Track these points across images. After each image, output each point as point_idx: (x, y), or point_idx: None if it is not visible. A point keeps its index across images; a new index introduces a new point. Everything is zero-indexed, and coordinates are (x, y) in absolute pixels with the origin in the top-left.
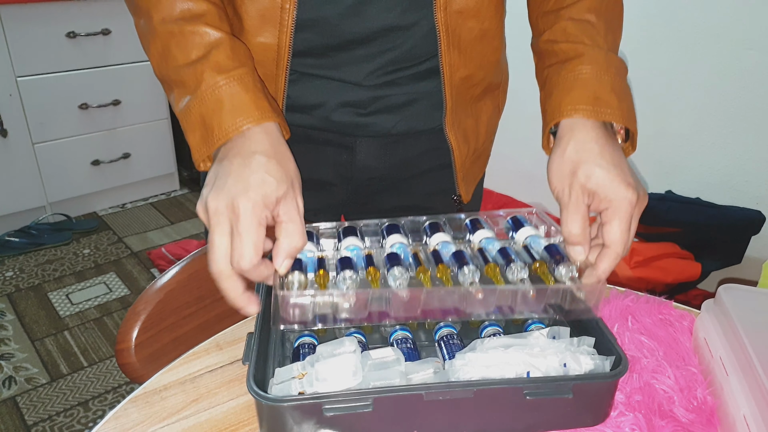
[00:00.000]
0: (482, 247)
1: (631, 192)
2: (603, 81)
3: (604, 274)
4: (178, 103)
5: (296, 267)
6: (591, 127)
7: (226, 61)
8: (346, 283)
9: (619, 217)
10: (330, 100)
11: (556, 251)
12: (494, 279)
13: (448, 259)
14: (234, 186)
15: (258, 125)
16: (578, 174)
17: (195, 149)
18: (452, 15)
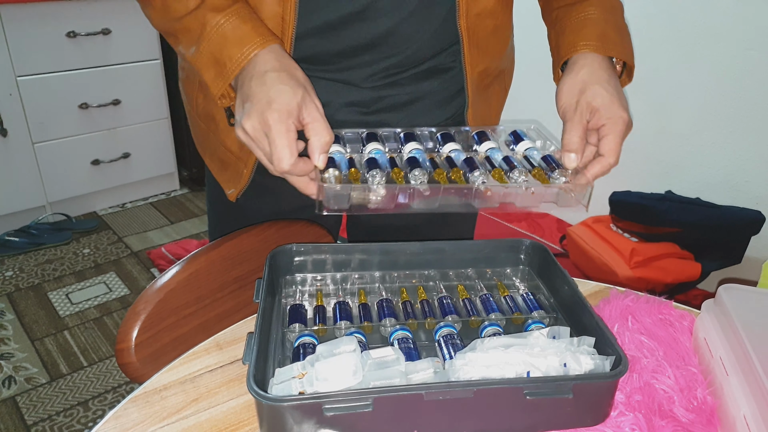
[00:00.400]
0: (488, 156)
1: (626, 114)
2: (608, 21)
3: (593, 176)
4: (188, 49)
5: (330, 165)
6: (600, 59)
7: (222, 2)
8: (375, 180)
9: (614, 131)
10: (334, 100)
11: (551, 160)
12: (500, 180)
13: (460, 164)
14: (258, 104)
15: (262, 49)
16: (587, 92)
17: (212, 85)
18: (472, 18)
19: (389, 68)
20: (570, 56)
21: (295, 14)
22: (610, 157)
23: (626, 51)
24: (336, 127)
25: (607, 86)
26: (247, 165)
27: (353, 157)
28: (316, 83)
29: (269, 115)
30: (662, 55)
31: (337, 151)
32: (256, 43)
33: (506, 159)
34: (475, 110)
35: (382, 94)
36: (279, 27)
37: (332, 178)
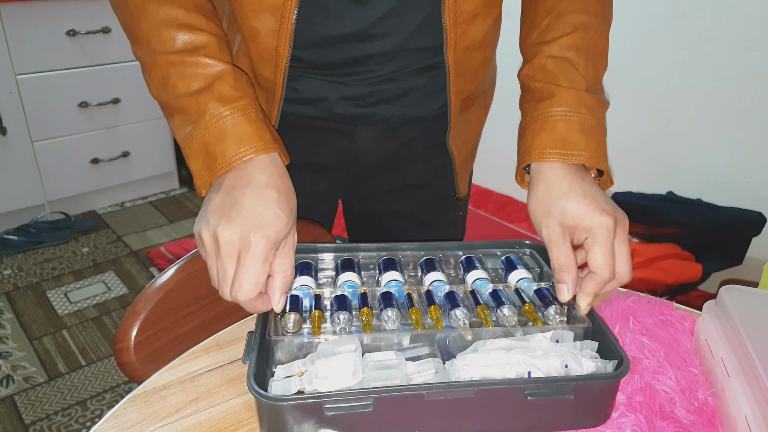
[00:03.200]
0: (475, 289)
1: (606, 217)
2: (571, 122)
3: (589, 295)
4: (180, 130)
5: (293, 304)
6: (559, 167)
7: (230, 92)
8: (339, 326)
9: (598, 243)
10: (332, 95)
11: (545, 295)
12: (484, 322)
13: (441, 299)
14: (249, 219)
15: (260, 155)
16: (552, 212)
17: (197, 176)
18: (460, 52)
19: (385, 75)
20: (526, 163)
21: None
22: (602, 272)
23: (592, 155)
24: (334, 119)
25: (571, 195)
26: None
27: (321, 293)
28: (313, 81)
29: (255, 239)
30: (663, 56)
31: (304, 285)
32: (256, 146)
33: (494, 294)
34: (456, 133)
35: (377, 89)
36: (273, 58)
37: (290, 324)
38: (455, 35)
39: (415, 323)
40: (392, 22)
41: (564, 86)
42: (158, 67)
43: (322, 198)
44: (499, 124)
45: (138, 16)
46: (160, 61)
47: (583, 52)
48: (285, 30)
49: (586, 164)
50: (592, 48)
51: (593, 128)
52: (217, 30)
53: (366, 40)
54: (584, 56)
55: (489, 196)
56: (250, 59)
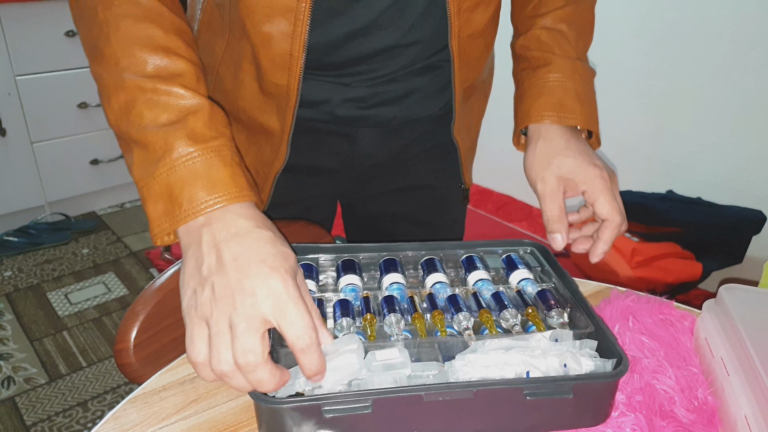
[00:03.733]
0: (476, 290)
1: (600, 170)
2: (567, 88)
3: (607, 243)
4: (139, 167)
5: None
6: (556, 127)
7: (204, 130)
8: (342, 332)
9: (600, 191)
10: (334, 98)
11: (547, 297)
12: (487, 325)
13: (443, 303)
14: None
15: (235, 203)
16: (551, 165)
17: (155, 223)
18: (464, 40)
19: (388, 74)
20: (525, 125)
21: (303, 50)
22: (613, 217)
23: (586, 118)
24: (336, 121)
25: (568, 152)
26: (263, 190)
27: (323, 297)
28: (315, 83)
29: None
30: (663, 55)
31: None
32: (230, 193)
33: (496, 296)
34: (460, 123)
35: (379, 90)
36: (286, 63)
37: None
38: (459, 23)
39: (419, 331)
40: (395, 14)
41: (559, 55)
42: (123, 91)
43: (322, 201)
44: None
45: (108, 31)
46: (128, 84)
47: (574, 25)
48: (299, 33)
49: (579, 126)
50: (581, 21)
51: (586, 94)
52: (196, 58)
53: (369, 34)
54: (575, 29)
55: (489, 195)
56: (260, 67)
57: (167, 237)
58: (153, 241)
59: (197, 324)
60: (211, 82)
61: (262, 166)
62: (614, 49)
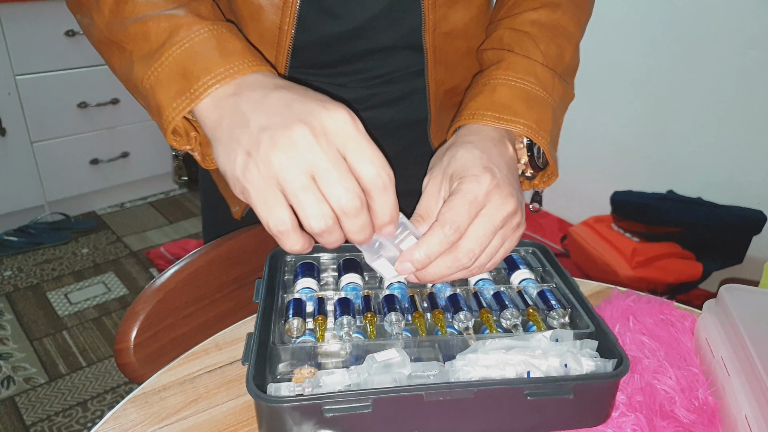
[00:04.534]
0: (477, 290)
1: (485, 174)
2: (514, 88)
3: (414, 252)
4: (139, 63)
5: (297, 309)
6: (480, 128)
7: (209, 13)
8: (343, 330)
9: (462, 192)
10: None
11: (548, 297)
12: (488, 325)
13: (444, 302)
14: (318, 103)
15: (256, 72)
16: (443, 159)
17: (167, 105)
18: (440, 36)
19: (382, 76)
20: (454, 127)
21: (293, 24)
22: (442, 226)
23: (530, 124)
24: None
25: (467, 146)
26: None
27: (324, 296)
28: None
29: (344, 117)
30: (664, 55)
31: (307, 287)
32: (251, 62)
33: (497, 296)
34: (439, 127)
35: (376, 91)
36: (275, 38)
37: (294, 329)
38: (434, 18)
39: (420, 330)
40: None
41: (514, 53)
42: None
43: None
44: None
45: None
46: None
47: (547, 29)
48: (290, 3)
49: (523, 134)
50: (558, 28)
51: (540, 100)
52: None
53: (364, 34)
54: (547, 33)
55: None
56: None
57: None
58: (165, 132)
59: (266, 188)
60: None
61: None
62: (614, 49)
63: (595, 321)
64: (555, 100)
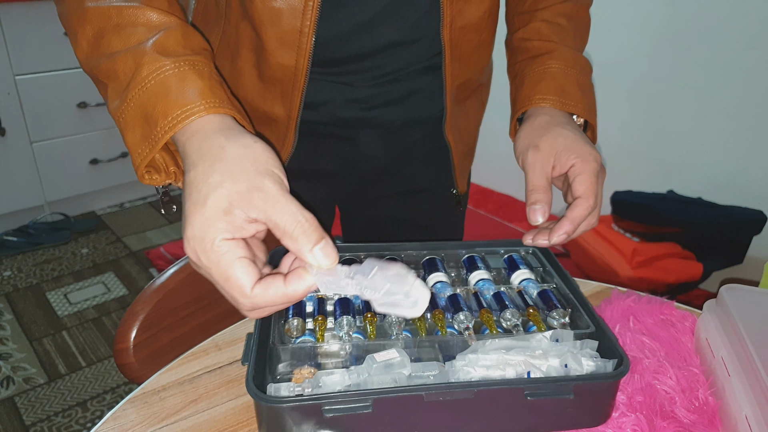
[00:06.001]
0: (477, 290)
1: (596, 155)
2: (569, 75)
3: (573, 222)
4: (112, 100)
5: (297, 309)
6: (558, 112)
7: (176, 47)
8: (342, 330)
9: (587, 170)
10: (336, 98)
11: (549, 297)
12: (488, 325)
13: (444, 302)
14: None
15: (211, 114)
16: (547, 135)
17: (134, 151)
18: (456, 31)
19: (391, 73)
20: (526, 109)
21: (314, 26)
22: (588, 197)
23: (586, 108)
24: (337, 123)
25: (566, 131)
26: None
27: (325, 296)
28: (317, 84)
29: (189, 252)
30: (664, 55)
31: None
32: (208, 102)
33: (497, 296)
34: (453, 121)
35: (381, 90)
36: (296, 40)
37: (294, 330)
38: (452, 13)
39: (420, 330)
40: (397, 9)
41: (560, 44)
42: (88, 22)
43: (321, 206)
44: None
45: None
46: (92, 14)
47: (573, 20)
48: (310, 7)
49: (579, 114)
50: (579, 18)
51: (586, 86)
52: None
53: (373, 29)
54: (574, 24)
55: (489, 196)
56: (263, 50)
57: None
58: (139, 177)
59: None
60: None
61: None
62: (614, 49)
63: (595, 321)
64: (591, 83)
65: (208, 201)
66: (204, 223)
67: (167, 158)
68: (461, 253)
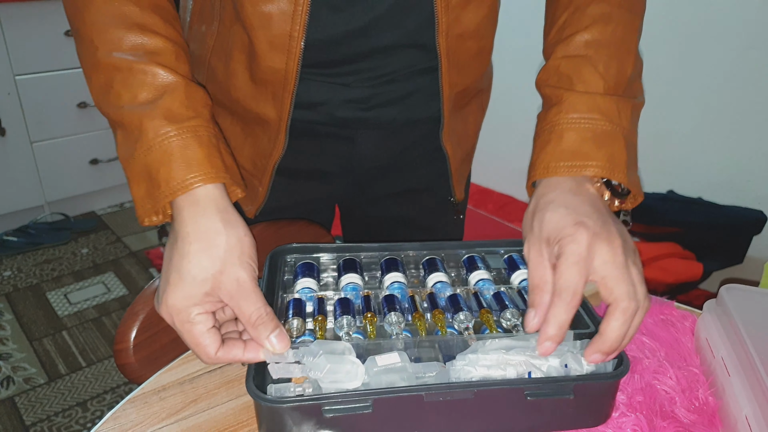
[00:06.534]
0: (478, 290)
1: (581, 229)
2: (581, 130)
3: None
4: (121, 148)
5: (297, 309)
6: (559, 181)
7: (180, 109)
8: (342, 330)
9: (565, 255)
10: (334, 98)
11: None
12: (488, 325)
13: (444, 302)
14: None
15: (209, 184)
16: (533, 226)
17: (139, 204)
18: (453, 38)
19: (388, 74)
20: (531, 181)
21: (304, 31)
22: (564, 292)
23: (603, 164)
24: (335, 123)
25: (552, 206)
26: (262, 182)
27: (324, 296)
28: (313, 83)
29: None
30: (664, 55)
31: (307, 287)
32: (206, 174)
33: (497, 296)
34: (451, 130)
35: (379, 90)
36: (286, 44)
37: (294, 330)
38: (447, 20)
39: (420, 330)
40: (396, 13)
41: (575, 90)
42: (100, 72)
43: (321, 205)
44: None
45: (81, 8)
46: (103, 64)
47: (604, 47)
48: (299, 12)
49: (599, 175)
50: (615, 42)
51: (607, 134)
52: (176, 35)
53: (370, 33)
54: (605, 52)
55: (489, 195)
56: (255, 53)
57: (155, 217)
58: (140, 222)
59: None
60: (204, 73)
61: (260, 157)
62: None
63: (595, 321)
64: (624, 125)
65: (196, 281)
66: (186, 297)
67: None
68: (461, 253)
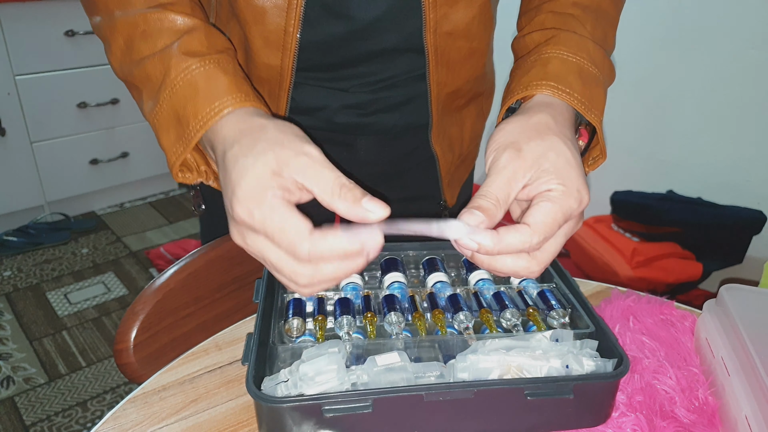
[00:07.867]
0: (477, 290)
1: (585, 196)
2: (568, 62)
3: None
4: (147, 104)
5: (296, 309)
6: (561, 116)
7: (199, 47)
8: (342, 330)
9: (561, 204)
10: (332, 104)
11: (548, 297)
12: (488, 325)
13: (444, 302)
14: (227, 195)
15: (239, 108)
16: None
17: (169, 152)
18: (441, 36)
19: (387, 79)
20: (509, 104)
21: (299, 26)
22: (534, 233)
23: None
24: (334, 129)
25: (571, 146)
26: None
27: (324, 296)
28: (311, 88)
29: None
30: (663, 55)
31: None
32: (235, 98)
33: (497, 296)
34: (441, 131)
35: (379, 96)
36: (281, 40)
37: (294, 329)
38: (435, 17)
39: (420, 330)
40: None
41: (566, 30)
42: (118, 32)
43: (321, 210)
44: None
45: None
46: (121, 24)
47: (591, 11)
48: (294, 5)
49: (576, 107)
50: (600, 11)
51: (593, 77)
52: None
53: (368, 36)
54: (591, 15)
55: None
56: (250, 50)
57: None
58: (174, 176)
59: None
60: None
61: None
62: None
63: (595, 321)
64: (605, 78)
65: (258, 163)
66: (257, 182)
67: (198, 158)
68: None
